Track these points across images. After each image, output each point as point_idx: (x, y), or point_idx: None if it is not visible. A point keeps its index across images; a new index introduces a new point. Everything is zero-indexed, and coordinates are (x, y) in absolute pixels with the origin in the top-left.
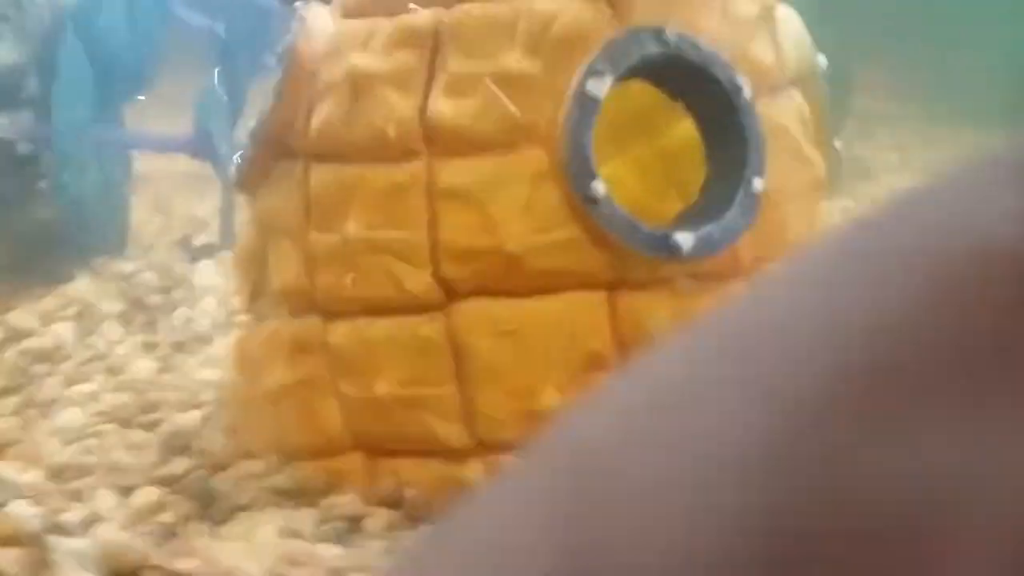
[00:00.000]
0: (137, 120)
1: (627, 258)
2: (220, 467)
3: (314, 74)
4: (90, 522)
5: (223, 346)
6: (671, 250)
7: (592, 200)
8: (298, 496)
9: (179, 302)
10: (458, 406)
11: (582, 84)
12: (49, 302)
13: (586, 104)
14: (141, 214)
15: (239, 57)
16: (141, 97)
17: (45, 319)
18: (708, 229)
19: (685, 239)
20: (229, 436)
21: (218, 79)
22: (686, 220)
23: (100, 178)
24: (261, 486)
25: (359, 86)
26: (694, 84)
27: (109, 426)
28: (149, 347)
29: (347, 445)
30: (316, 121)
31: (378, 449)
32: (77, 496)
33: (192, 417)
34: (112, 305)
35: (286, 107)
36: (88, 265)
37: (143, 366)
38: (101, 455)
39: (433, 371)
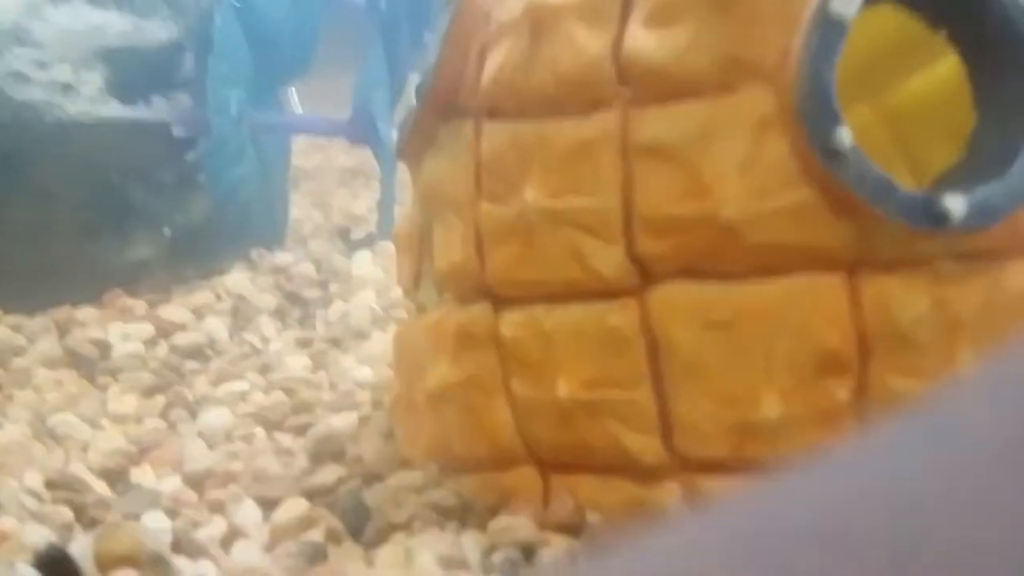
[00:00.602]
0: (295, 104)
1: (875, 230)
2: (375, 477)
3: (487, 16)
4: (229, 538)
5: (381, 342)
6: (937, 218)
7: (835, 153)
8: (462, 515)
9: (336, 296)
10: (653, 414)
11: (825, 3)
12: (203, 295)
13: (830, 29)
14: (299, 209)
15: (401, 36)
16: (299, 80)
17: (198, 313)
18: (985, 191)
19: (956, 204)
20: (386, 442)
21: (379, 59)
22: (953, 181)
23: (258, 166)
24: (420, 502)
25: (540, 24)
26: (964, 6)
27: (258, 429)
28: (304, 343)
29: (519, 457)
30: (489, 70)
31: (555, 463)
32: (218, 507)
33: (346, 420)
34: (267, 299)
35: (455, 57)
36: (244, 257)
37: (297, 363)
38: (247, 461)
39: (624, 370)
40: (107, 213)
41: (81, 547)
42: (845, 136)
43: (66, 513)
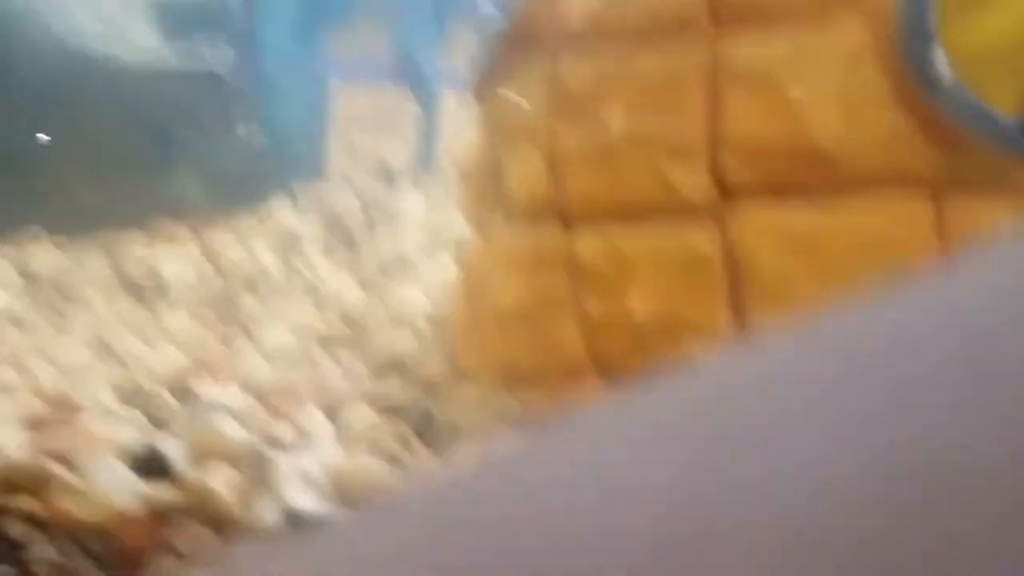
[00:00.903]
0: (338, 45)
1: (967, 156)
2: (439, 390)
3: None
4: (303, 444)
5: (431, 272)
6: None
7: (932, 80)
8: (528, 423)
9: (381, 228)
10: (730, 333)
11: None
12: (250, 226)
13: None
14: (339, 146)
15: None
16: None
17: (246, 242)
18: None
19: None
20: (448, 360)
21: (422, 2)
22: None
23: (301, 104)
24: (486, 411)
25: None
26: None
27: (318, 349)
28: (354, 272)
29: (587, 370)
30: (571, 4)
31: (625, 377)
32: (285, 418)
33: (406, 339)
34: (313, 230)
35: None
36: (288, 190)
37: (349, 291)
38: (310, 377)
39: (702, 289)
40: (157, 151)
41: (170, 448)
42: (943, 63)
43: (144, 421)
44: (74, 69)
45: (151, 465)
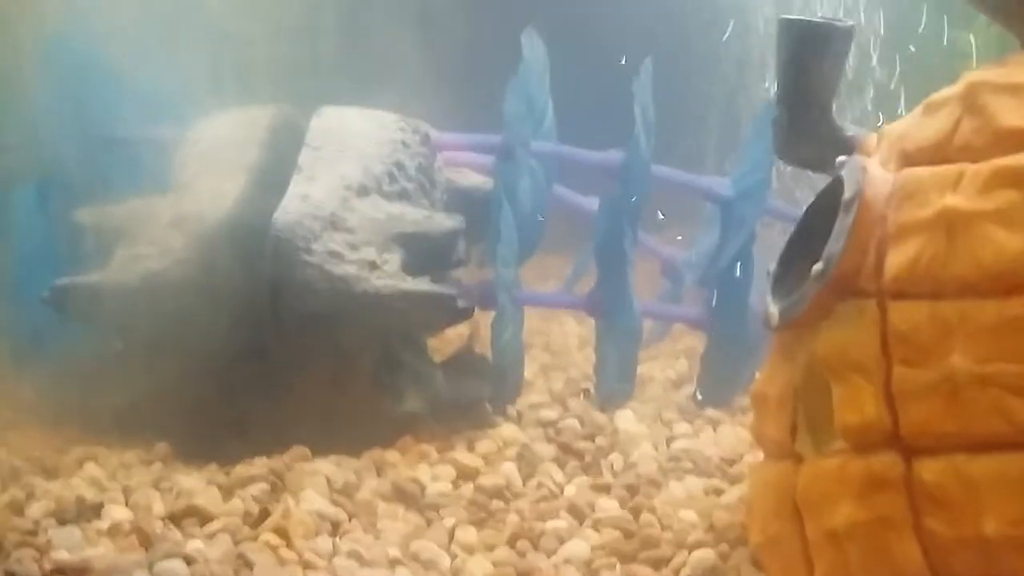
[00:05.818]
0: (527, 279)
1: None
2: None
3: (884, 218)
4: None
5: (681, 489)
6: None
7: None
8: None
9: (608, 448)
10: None
11: None
12: (486, 444)
13: None
14: (535, 367)
15: (616, 228)
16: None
17: (487, 459)
18: None
19: None
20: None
21: (596, 248)
22: None
23: (512, 330)
24: None
25: (956, 225)
26: None
27: (612, 559)
28: (600, 488)
29: None
30: (895, 261)
31: None
32: None
33: (703, 554)
34: (545, 449)
35: (856, 250)
36: (503, 411)
37: (608, 506)
38: None
39: None
40: (392, 369)
41: None
42: None
43: None
44: (334, 292)
45: None
